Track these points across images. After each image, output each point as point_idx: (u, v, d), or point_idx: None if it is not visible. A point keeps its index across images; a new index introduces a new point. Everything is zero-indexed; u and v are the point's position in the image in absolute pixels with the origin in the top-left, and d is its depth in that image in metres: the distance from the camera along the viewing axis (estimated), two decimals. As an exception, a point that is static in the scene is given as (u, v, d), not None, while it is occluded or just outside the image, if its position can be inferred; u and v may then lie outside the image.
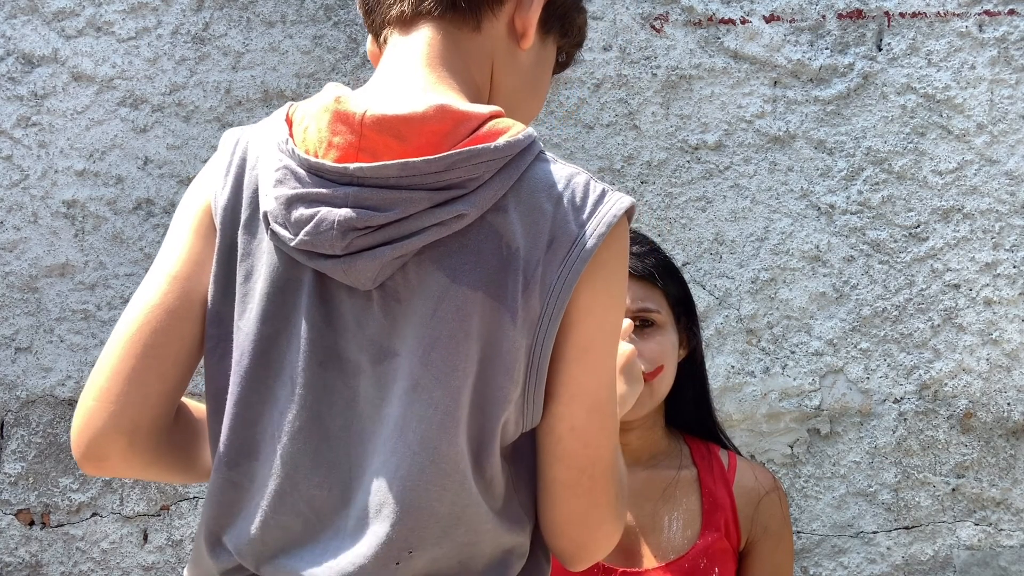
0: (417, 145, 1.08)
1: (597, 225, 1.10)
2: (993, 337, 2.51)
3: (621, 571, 1.65)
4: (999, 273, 2.52)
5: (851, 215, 2.53)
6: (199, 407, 1.27)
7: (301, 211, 1.09)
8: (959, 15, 2.55)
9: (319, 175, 1.10)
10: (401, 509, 1.09)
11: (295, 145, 1.12)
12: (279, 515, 1.13)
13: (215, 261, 1.17)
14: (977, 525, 2.50)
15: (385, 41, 1.21)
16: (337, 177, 1.09)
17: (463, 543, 1.11)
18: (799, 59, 2.55)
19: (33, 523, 2.56)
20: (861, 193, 2.53)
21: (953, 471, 2.51)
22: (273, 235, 1.12)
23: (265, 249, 1.14)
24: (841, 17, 2.57)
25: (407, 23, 1.19)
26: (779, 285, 2.53)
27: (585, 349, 1.12)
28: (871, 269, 2.53)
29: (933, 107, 2.54)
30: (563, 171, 1.13)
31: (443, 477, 1.09)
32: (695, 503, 1.71)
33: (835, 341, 2.52)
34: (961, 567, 2.50)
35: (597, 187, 1.13)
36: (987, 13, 2.55)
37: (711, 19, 2.57)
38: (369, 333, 1.11)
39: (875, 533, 2.51)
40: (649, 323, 1.68)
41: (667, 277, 1.72)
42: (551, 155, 1.14)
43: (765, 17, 2.57)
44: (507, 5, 1.20)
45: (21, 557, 2.54)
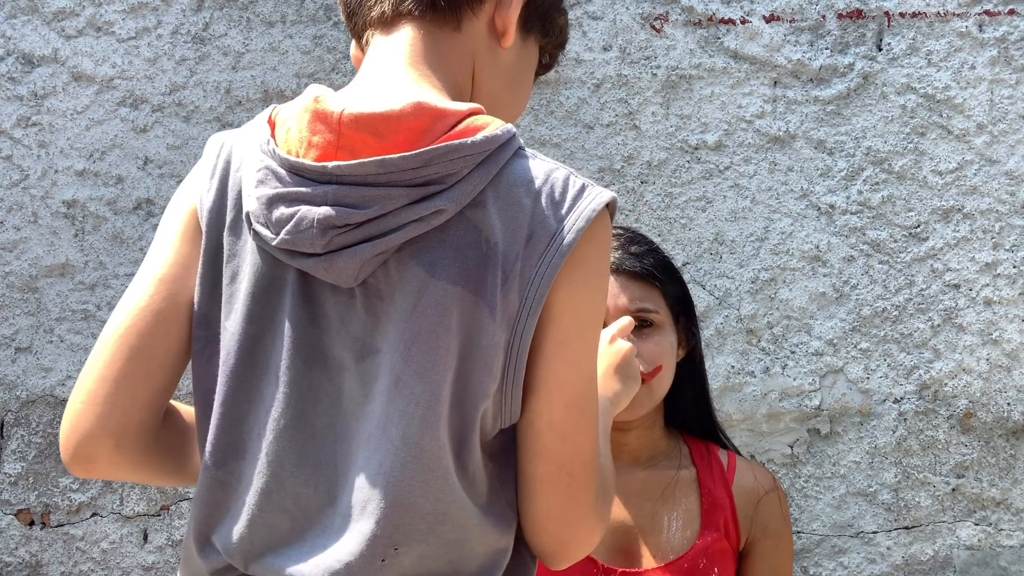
0: (395, 142, 1.08)
1: (576, 219, 1.10)
2: (993, 337, 2.51)
3: (620, 571, 1.65)
4: (999, 273, 2.52)
5: (851, 215, 2.53)
6: (188, 410, 1.27)
7: (282, 210, 1.10)
8: (959, 15, 2.55)
9: (299, 174, 1.10)
10: (385, 505, 1.09)
11: (276, 146, 1.12)
12: (266, 514, 1.13)
13: (201, 263, 1.17)
14: (977, 525, 2.50)
15: (367, 43, 1.21)
16: (317, 176, 1.09)
17: (451, 540, 1.11)
18: (799, 59, 2.55)
19: (33, 523, 2.56)
20: (861, 193, 2.53)
21: (953, 471, 2.51)
22: (255, 235, 1.12)
23: (249, 249, 1.15)
24: (841, 17, 2.56)
25: (388, 24, 1.19)
26: (779, 285, 2.53)
27: (564, 344, 1.12)
28: (871, 269, 2.53)
29: (933, 107, 2.54)
30: (542, 166, 1.13)
31: (426, 472, 1.09)
32: (694, 503, 1.71)
33: (835, 341, 2.51)
34: (961, 567, 2.49)
35: (577, 182, 1.13)
36: (987, 13, 2.55)
37: (711, 19, 2.57)
38: (352, 330, 1.12)
39: (875, 533, 2.51)
40: (648, 323, 1.68)
41: (666, 277, 1.72)
42: (531, 151, 1.14)
43: (765, 17, 2.56)
44: (487, 5, 1.21)
45: (21, 557, 2.54)
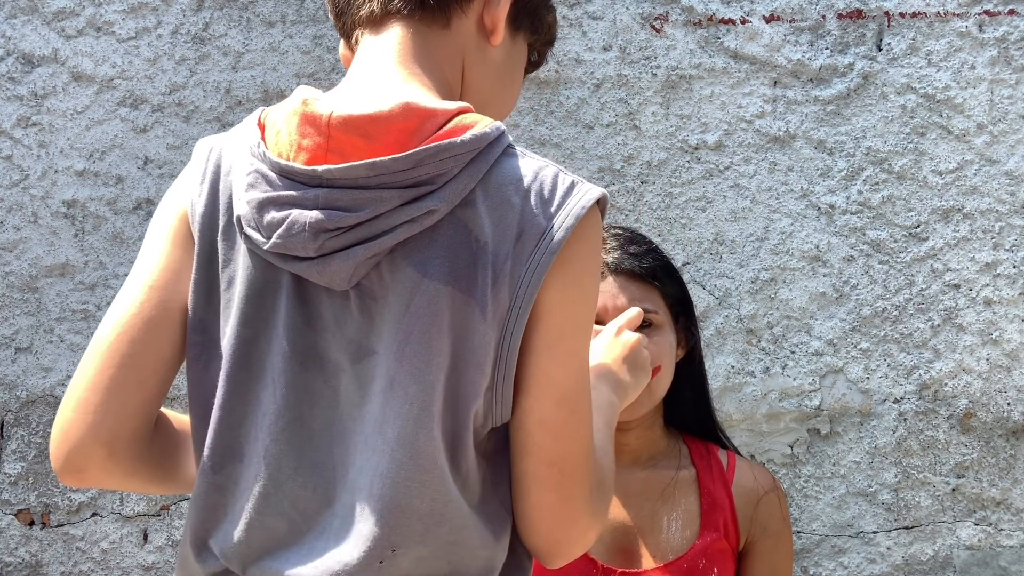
0: (385, 144, 1.08)
1: (565, 217, 1.10)
2: (993, 337, 2.51)
3: (620, 571, 1.65)
4: (999, 273, 2.52)
5: (851, 215, 2.53)
6: (180, 418, 1.27)
7: (273, 214, 1.10)
8: (959, 15, 2.55)
9: (290, 178, 1.10)
10: (383, 507, 1.09)
11: (267, 149, 1.12)
12: (264, 516, 1.13)
13: (195, 269, 1.17)
14: (977, 525, 2.50)
15: (356, 42, 1.21)
16: (307, 179, 1.09)
17: (448, 542, 1.11)
18: (799, 59, 2.55)
19: (33, 523, 2.56)
20: (861, 193, 2.53)
21: (953, 471, 2.51)
22: (247, 239, 1.12)
23: (242, 254, 1.14)
24: (841, 17, 2.56)
25: (377, 23, 1.19)
26: (779, 285, 2.53)
27: (554, 342, 1.11)
28: (871, 269, 2.52)
29: (933, 107, 2.54)
30: (532, 164, 1.13)
31: (422, 473, 1.09)
32: (694, 503, 1.71)
33: (835, 341, 2.51)
34: (961, 567, 2.49)
35: (566, 179, 1.12)
36: (987, 13, 2.55)
37: (711, 19, 2.56)
38: (348, 332, 1.12)
39: (875, 533, 2.51)
40: (647, 323, 1.68)
41: (665, 277, 1.71)
42: (520, 148, 1.14)
43: (765, 17, 2.56)
44: (476, 3, 1.21)
45: (21, 557, 2.54)
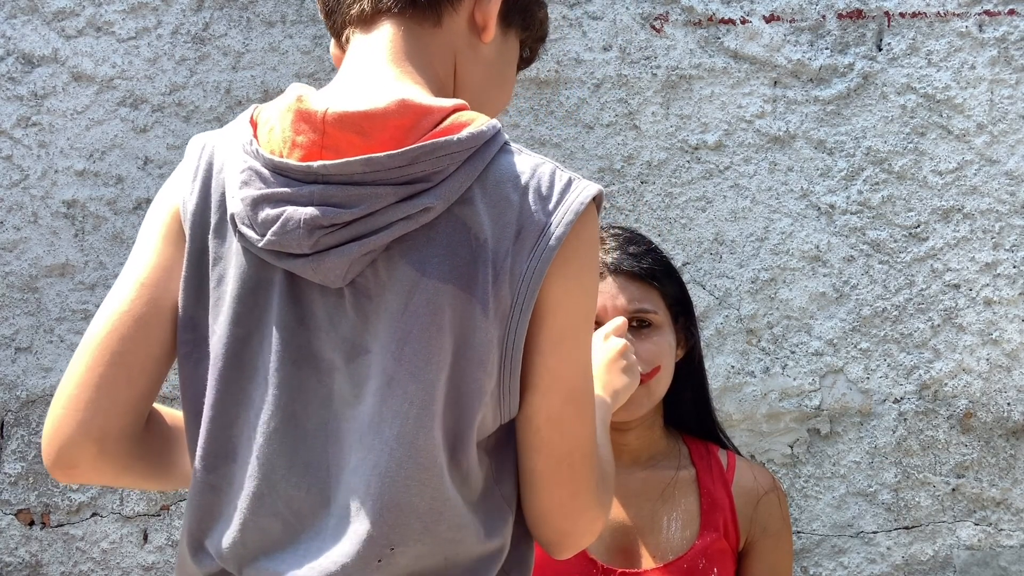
0: (380, 140, 1.08)
1: (564, 214, 1.10)
2: (993, 337, 2.51)
3: (620, 572, 1.65)
4: (999, 273, 2.52)
5: (851, 215, 2.53)
6: (173, 414, 1.27)
7: (267, 211, 1.09)
8: (959, 15, 2.55)
9: (284, 175, 1.10)
10: (381, 506, 1.08)
11: (259, 146, 1.12)
12: (258, 517, 1.13)
13: (185, 266, 1.16)
14: (977, 525, 2.50)
15: (347, 41, 1.21)
16: (302, 176, 1.09)
17: (447, 540, 1.11)
18: (799, 59, 2.55)
19: (33, 523, 2.56)
20: (861, 193, 2.53)
21: (953, 471, 2.51)
22: (241, 237, 1.12)
23: (235, 251, 1.14)
24: (841, 17, 2.56)
25: (368, 21, 1.19)
26: (779, 285, 2.53)
27: (559, 338, 1.12)
28: (871, 269, 2.53)
29: (933, 107, 2.54)
30: (528, 161, 1.13)
31: (422, 472, 1.09)
32: (694, 503, 1.71)
33: (835, 341, 2.51)
34: (961, 567, 2.49)
35: (563, 176, 1.13)
36: (987, 13, 2.55)
37: (711, 19, 2.56)
38: (342, 331, 1.11)
39: (875, 533, 2.51)
40: (646, 324, 1.68)
41: (664, 277, 1.71)
42: (516, 146, 1.14)
43: (765, 17, 2.56)
44: (467, 0, 1.21)
45: (21, 557, 2.54)
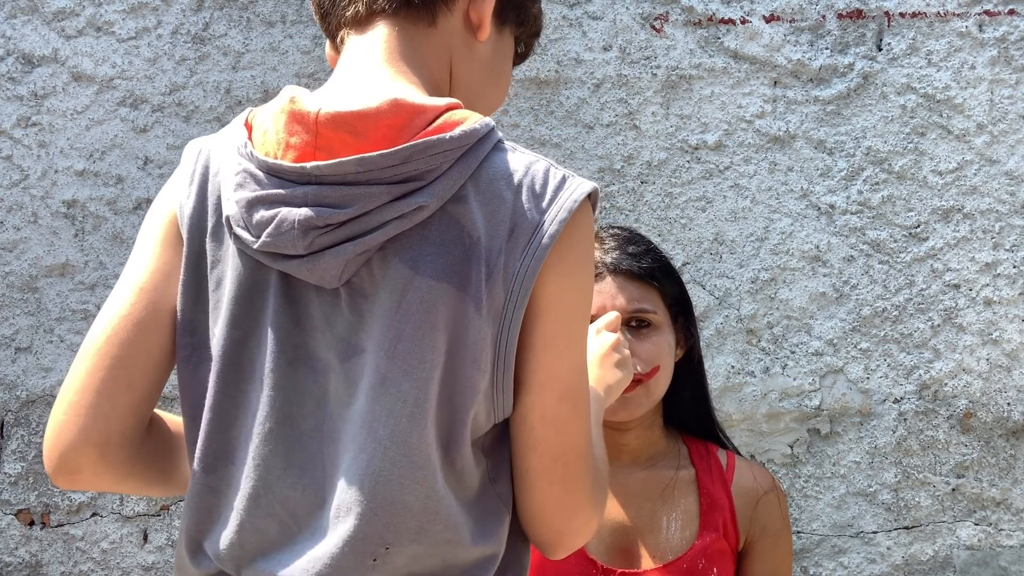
0: (373, 140, 1.08)
1: (558, 211, 1.10)
2: (993, 337, 2.51)
3: (620, 572, 1.65)
4: (999, 273, 2.52)
5: (851, 215, 2.53)
6: (174, 419, 1.27)
7: (262, 213, 1.09)
8: (959, 15, 2.55)
9: (278, 176, 1.10)
10: (375, 504, 1.08)
11: (254, 148, 1.12)
12: (255, 518, 1.13)
13: (183, 270, 1.17)
14: (977, 525, 2.50)
15: (342, 42, 1.21)
16: (296, 177, 1.09)
17: (443, 540, 1.11)
18: (799, 59, 2.55)
19: (33, 523, 2.56)
20: (861, 193, 2.53)
21: (953, 471, 2.51)
22: (236, 239, 1.12)
23: (231, 254, 1.14)
24: (841, 17, 2.56)
25: (362, 23, 1.19)
26: (779, 285, 2.53)
27: (553, 336, 1.11)
28: (871, 269, 2.52)
29: (933, 107, 2.54)
30: (522, 159, 1.13)
31: (415, 470, 1.09)
32: (693, 503, 1.71)
33: (835, 341, 2.51)
34: (961, 567, 2.49)
35: (557, 173, 1.12)
36: (987, 13, 2.55)
37: (711, 19, 2.56)
38: (337, 331, 1.11)
39: (875, 533, 2.51)
40: (645, 323, 1.68)
41: (664, 277, 1.71)
42: (510, 143, 1.14)
43: (765, 17, 2.56)
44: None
45: (21, 557, 2.54)
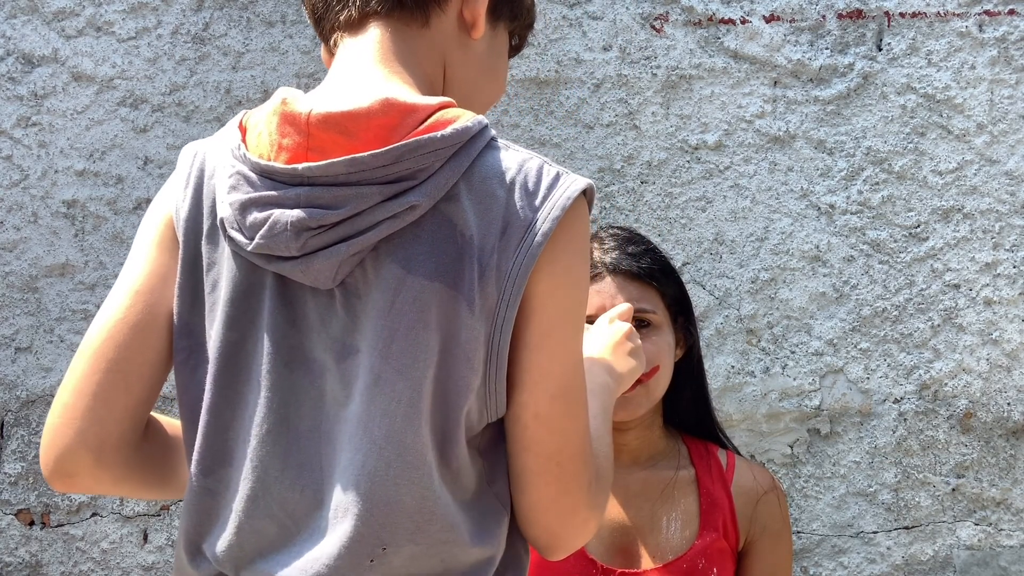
0: (365, 140, 1.08)
1: (551, 209, 1.10)
2: (993, 337, 2.51)
3: (620, 572, 1.65)
4: (999, 273, 2.52)
5: (851, 215, 2.53)
6: (172, 422, 1.27)
7: (255, 215, 1.10)
8: (959, 15, 2.55)
9: (271, 178, 1.10)
10: (371, 505, 1.08)
11: (247, 150, 1.12)
12: (253, 520, 1.13)
13: (180, 273, 1.17)
14: (977, 525, 2.50)
15: (336, 46, 1.21)
16: (288, 178, 1.09)
17: (440, 540, 1.10)
18: (799, 59, 2.55)
19: (33, 523, 2.56)
20: (861, 193, 2.53)
21: (953, 471, 2.51)
22: (230, 241, 1.12)
23: (226, 256, 1.14)
24: (841, 17, 2.56)
25: (355, 25, 1.19)
26: (779, 285, 2.53)
27: (546, 335, 1.11)
28: (871, 269, 2.52)
29: (933, 107, 2.54)
30: (515, 157, 1.12)
31: (410, 470, 1.08)
32: (693, 503, 1.71)
33: (835, 341, 2.51)
34: (961, 567, 2.49)
35: (551, 171, 1.12)
36: (987, 13, 2.55)
37: (711, 19, 2.56)
38: (333, 332, 1.11)
39: (875, 533, 2.51)
40: (645, 323, 1.68)
41: (663, 277, 1.71)
42: (504, 142, 1.14)
43: (765, 17, 2.56)
44: None
45: (21, 557, 2.54)
